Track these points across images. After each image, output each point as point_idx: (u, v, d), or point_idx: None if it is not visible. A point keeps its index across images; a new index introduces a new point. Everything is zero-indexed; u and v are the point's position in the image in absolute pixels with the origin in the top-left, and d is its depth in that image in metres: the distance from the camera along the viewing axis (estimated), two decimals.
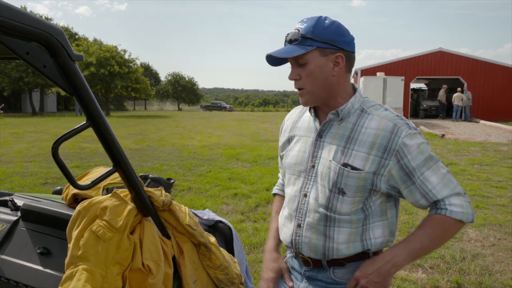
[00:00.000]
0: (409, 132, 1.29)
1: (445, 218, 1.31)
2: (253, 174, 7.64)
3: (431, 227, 1.33)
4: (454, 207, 1.31)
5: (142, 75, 35.19)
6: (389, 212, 1.40)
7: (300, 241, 1.42)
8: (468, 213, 1.32)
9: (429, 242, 1.32)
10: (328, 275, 1.41)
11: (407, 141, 1.28)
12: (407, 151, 1.28)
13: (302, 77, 1.33)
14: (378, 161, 1.29)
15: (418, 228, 1.35)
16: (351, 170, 1.31)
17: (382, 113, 1.34)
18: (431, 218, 1.34)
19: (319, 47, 1.29)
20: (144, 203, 1.44)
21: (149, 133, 15.55)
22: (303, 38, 1.28)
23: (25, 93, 32.99)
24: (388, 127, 1.30)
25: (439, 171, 1.32)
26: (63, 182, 6.71)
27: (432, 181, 1.30)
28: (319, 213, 1.37)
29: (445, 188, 1.31)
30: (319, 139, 1.40)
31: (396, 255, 1.32)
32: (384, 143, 1.29)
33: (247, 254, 3.92)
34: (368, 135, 1.31)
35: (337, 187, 1.33)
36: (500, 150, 11.00)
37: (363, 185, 1.32)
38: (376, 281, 1.32)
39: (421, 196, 1.32)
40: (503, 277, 3.53)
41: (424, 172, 1.29)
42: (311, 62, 1.30)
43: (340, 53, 1.32)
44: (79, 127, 1.23)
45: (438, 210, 1.32)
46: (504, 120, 22.83)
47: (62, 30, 1.10)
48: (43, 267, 1.55)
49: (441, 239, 1.34)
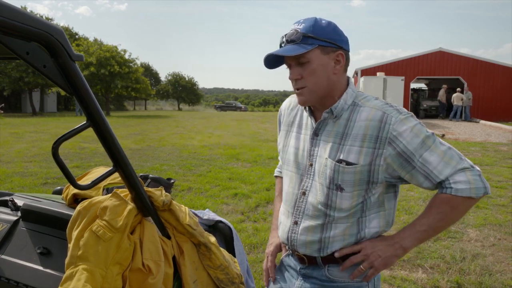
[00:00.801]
0: (400, 118, 1.28)
1: (451, 197, 1.28)
2: (253, 174, 7.64)
3: (437, 207, 1.31)
4: (460, 184, 1.27)
5: (142, 75, 35.17)
6: (387, 204, 1.40)
7: (296, 238, 1.43)
8: (478, 187, 1.28)
9: (437, 222, 1.31)
10: (323, 273, 1.42)
11: (399, 127, 1.27)
12: (401, 138, 1.26)
13: (304, 76, 1.32)
14: (371, 152, 1.29)
15: (425, 210, 1.35)
16: (346, 165, 1.31)
17: (372, 103, 1.34)
18: (437, 198, 1.32)
19: (320, 46, 1.29)
20: (144, 203, 1.44)
21: (149, 133, 15.54)
22: (304, 37, 1.28)
23: (25, 93, 32.97)
24: (377, 116, 1.29)
25: (438, 149, 1.28)
26: (63, 182, 6.71)
27: (431, 162, 1.27)
28: (319, 211, 1.38)
29: (447, 167, 1.28)
30: (315, 137, 1.41)
31: (402, 238, 1.33)
32: (374, 133, 1.28)
33: (247, 254, 3.92)
34: (359, 128, 1.31)
35: (335, 184, 1.34)
36: (500, 150, 11.00)
37: (360, 179, 1.32)
38: (380, 255, 1.33)
39: (424, 178, 1.30)
40: (503, 277, 3.53)
41: (422, 153, 1.27)
42: (314, 61, 1.30)
43: (341, 51, 1.33)
44: (79, 127, 1.22)
45: (444, 189, 1.30)
46: (504, 120, 22.82)
47: (62, 30, 1.10)
48: (43, 267, 1.55)
49: (450, 218, 1.31)
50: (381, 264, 1.34)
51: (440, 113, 24.20)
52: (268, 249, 1.63)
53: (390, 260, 1.34)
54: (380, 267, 1.35)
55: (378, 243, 1.36)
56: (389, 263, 1.35)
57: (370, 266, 1.35)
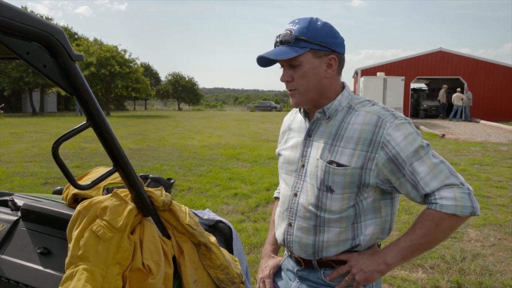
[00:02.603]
0: (395, 123, 1.26)
1: (435, 213, 1.24)
2: (253, 174, 7.64)
3: (421, 223, 1.28)
4: (445, 200, 1.23)
5: (142, 75, 35.18)
6: (384, 210, 1.36)
7: (291, 240, 1.43)
8: (465, 206, 1.23)
9: (420, 239, 1.27)
10: (319, 276, 1.41)
11: (393, 132, 1.25)
12: (394, 143, 1.24)
13: (295, 78, 1.32)
14: (364, 155, 1.27)
15: (411, 226, 1.33)
16: (337, 167, 1.30)
17: (368, 108, 1.32)
18: (423, 214, 1.29)
19: (312, 49, 1.28)
20: (144, 203, 1.44)
21: (149, 133, 15.54)
22: (296, 39, 1.27)
23: (25, 93, 32.98)
24: (372, 121, 1.28)
25: (429, 161, 1.25)
26: (63, 182, 6.71)
27: (420, 172, 1.24)
28: (310, 212, 1.37)
29: (434, 180, 1.24)
30: (308, 138, 1.40)
31: (386, 253, 1.31)
32: (368, 137, 1.27)
33: (247, 254, 3.92)
34: (354, 131, 1.30)
35: (325, 185, 1.32)
36: (500, 150, 11.00)
37: (350, 181, 1.30)
38: (363, 269, 1.31)
39: (411, 187, 1.26)
40: (504, 277, 3.53)
41: (413, 162, 1.24)
42: (305, 64, 1.29)
43: (333, 55, 1.31)
44: (79, 127, 1.22)
45: (429, 205, 1.27)
46: (504, 120, 22.82)
47: (63, 30, 1.10)
48: (43, 267, 1.55)
49: (434, 235, 1.27)
50: (362, 278, 1.32)
51: (440, 113, 24.21)
52: (263, 273, 1.59)
53: (371, 275, 1.31)
54: (361, 281, 1.32)
55: (363, 256, 1.34)
56: (370, 278, 1.32)
57: (353, 278, 1.33)
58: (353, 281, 1.34)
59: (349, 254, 1.36)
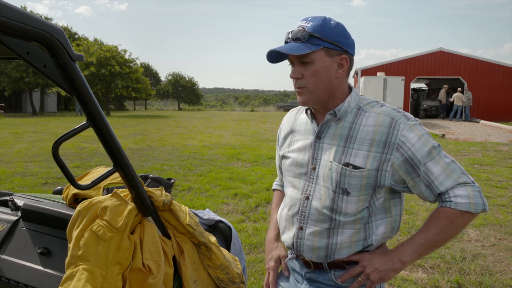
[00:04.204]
0: (408, 124, 1.28)
1: (450, 211, 1.28)
2: (253, 174, 7.64)
3: (435, 221, 1.30)
4: (459, 198, 1.27)
5: (142, 75, 35.18)
6: (394, 209, 1.38)
7: (302, 243, 1.41)
8: (477, 203, 1.28)
9: (435, 236, 1.30)
10: (329, 277, 1.40)
11: (407, 134, 1.26)
12: (409, 144, 1.26)
13: (305, 76, 1.31)
14: (379, 157, 1.28)
15: (424, 224, 1.34)
16: (353, 169, 1.30)
17: (379, 109, 1.33)
18: (436, 212, 1.32)
19: (325, 47, 1.27)
20: (145, 203, 1.44)
21: (149, 133, 15.54)
22: (310, 36, 1.26)
23: (25, 93, 32.98)
24: (386, 122, 1.28)
25: (442, 161, 1.29)
26: (63, 182, 6.71)
27: (434, 172, 1.28)
28: (324, 215, 1.36)
29: (448, 179, 1.28)
30: (318, 140, 1.39)
31: (401, 252, 1.32)
32: (383, 138, 1.28)
33: (247, 254, 3.92)
34: (367, 133, 1.30)
35: (341, 188, 1.32)
36: (501, 150, 11.00)
37: (367, 183, 1.30)
38: (377, 268, 1.32)
39: (425, 187, 1.30)
40: (504, 277, 3.53)
41: (427, 163, 1.27)
42: (317, 62, 1.28)
43: (345, 55, 1.31)
44: (79, 127, 1.22)
45: (443, 203, 1.30)
46: (504, 120, 22.84)
47: (63, 30, 1.10)
48: (43, 267, 1.55)
49: (448, 232, 1.30)
50: (377, 277, 1.32)
51: (440, 113, 24.21)
52: (268, 264, 1.59)
53: (387, 274, 1.32)
54: (376, 281, 1.33)
55: (376, 255, 1.35)
56: (385, 277, 1.33)
57: (367, 278, 1.34)
58: (367, 281, 1.34)
59: (361, 254, 1.36)
